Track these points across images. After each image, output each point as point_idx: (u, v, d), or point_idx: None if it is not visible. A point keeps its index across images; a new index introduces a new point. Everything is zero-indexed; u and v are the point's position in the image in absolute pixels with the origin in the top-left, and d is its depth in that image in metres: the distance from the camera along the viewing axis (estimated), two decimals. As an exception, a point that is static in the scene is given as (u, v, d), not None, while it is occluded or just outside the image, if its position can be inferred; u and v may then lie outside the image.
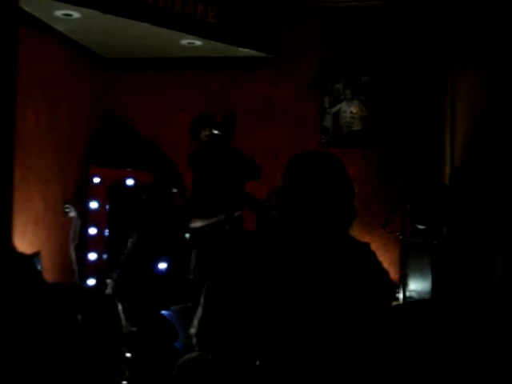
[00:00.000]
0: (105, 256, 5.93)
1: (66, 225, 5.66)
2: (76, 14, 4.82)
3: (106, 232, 5.96)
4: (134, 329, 3.99)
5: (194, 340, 2.08)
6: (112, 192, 6.02)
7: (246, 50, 5.78)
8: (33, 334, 1.07)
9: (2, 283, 1.03)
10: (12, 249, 1.09)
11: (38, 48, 5.10)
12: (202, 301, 2.02)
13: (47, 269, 5.26)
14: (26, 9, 4.72)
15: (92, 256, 5.87)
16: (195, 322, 2.05)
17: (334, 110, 6.15)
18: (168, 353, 3.77)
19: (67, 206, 5.68)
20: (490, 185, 4.80)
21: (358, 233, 2.07)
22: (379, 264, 1.97)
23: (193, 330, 2.06)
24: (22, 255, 1.13)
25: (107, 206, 5.98)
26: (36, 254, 5.07)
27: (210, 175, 4.77)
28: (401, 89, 6.00)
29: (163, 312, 4.41)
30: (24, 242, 4.93)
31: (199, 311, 2.04)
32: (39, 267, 5.02)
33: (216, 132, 4.76)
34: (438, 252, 5.07)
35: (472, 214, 5.17)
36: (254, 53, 5.87)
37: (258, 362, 1.80)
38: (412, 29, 5.92)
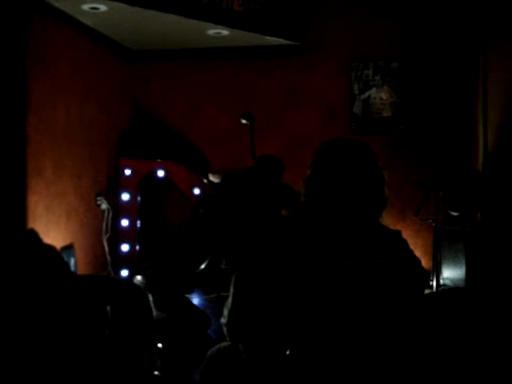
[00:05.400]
0: (137, 247, 6.00)
1: (99, 217, 5.74)
2: (103, 8, 4.86)
3: (138, 223, 6.03)
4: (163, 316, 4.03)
5: (225, 330, 2.08)
6: (143, 183, 6.07)
7: (273, 38, 5.74)
8: (59, 323, 1.08)
9: (29, 274, 1.04)
10: (38, 241, 1.10)
11: (67, 42, 5.16)
12: (231, 290, 2.02)
13: (80, 260, 5.33)
14: (56, 4, 4.78)
15: (124, 247, 5.94)
16: (225, 311, 2.05)
17: (363, 96, 6.08)
18: (201, 342, 3.80)
19: (99, 198, 5.76)
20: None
21: (390, 220, 2.04)
22: (411, 252, 1.94)
23: (223, 320, 2.07)
24: (47, 246, 1.13)
25: (139, 198, 6.03)
26: (69, 246, 5.15)
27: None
28: (431, 74, 5.89)
29: (197, 301, 4.43)
30: (57, 235, 5.00)
31: (229, 301, 2.04)
32: (73, 259, 5.09)
33: (244, 122, 4.75)
34: (471, 239, 4.99)
35: (506, 200, 5.07)
36: (281, 41, 5.83)
37: (288, 352, 1.79)
38: (441, 12, 5.79)
